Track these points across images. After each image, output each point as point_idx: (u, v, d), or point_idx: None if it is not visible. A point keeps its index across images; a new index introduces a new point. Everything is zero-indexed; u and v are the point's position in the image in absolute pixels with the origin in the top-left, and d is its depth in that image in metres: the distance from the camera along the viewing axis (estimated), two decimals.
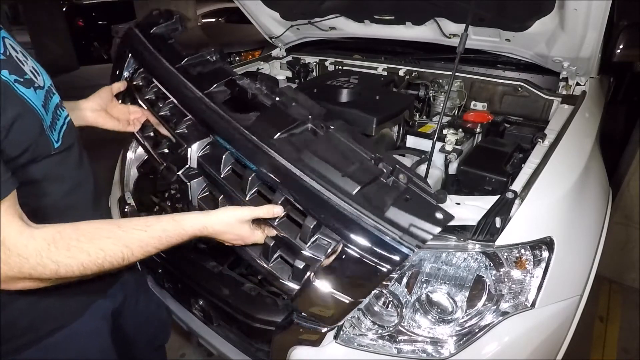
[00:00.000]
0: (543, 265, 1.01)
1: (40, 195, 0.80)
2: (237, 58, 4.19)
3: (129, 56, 1.47)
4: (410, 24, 1.90)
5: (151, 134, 1.40)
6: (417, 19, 1.85)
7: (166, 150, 1.31)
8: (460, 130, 1.58)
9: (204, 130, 1.20)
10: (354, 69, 2.09)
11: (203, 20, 7.30)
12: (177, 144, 1.24)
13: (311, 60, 2.32)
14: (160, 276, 1.43)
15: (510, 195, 0.99)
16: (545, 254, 1.01)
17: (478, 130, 1.64)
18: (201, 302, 1.27)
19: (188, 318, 1.38)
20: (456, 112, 1.84)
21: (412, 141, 1.65)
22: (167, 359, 1.49)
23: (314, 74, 2.33)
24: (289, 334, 1.06)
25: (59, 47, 7.31)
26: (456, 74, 1.54)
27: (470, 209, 1.05)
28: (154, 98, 1.39)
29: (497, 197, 1.01)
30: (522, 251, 1.00)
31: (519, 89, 1.78)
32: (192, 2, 6.40)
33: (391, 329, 1.03)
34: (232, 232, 0.93)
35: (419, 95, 1.78)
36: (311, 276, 0.96)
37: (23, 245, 0.66)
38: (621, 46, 1.69)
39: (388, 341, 1.03)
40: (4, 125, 0.67)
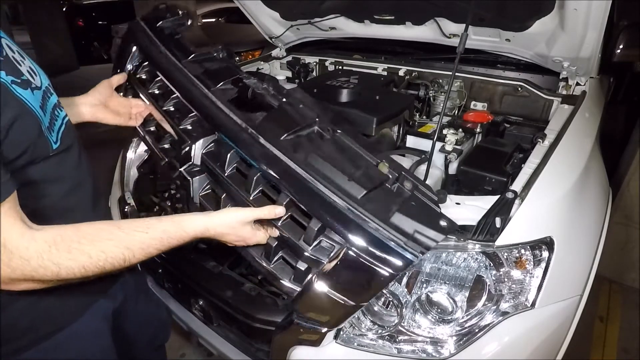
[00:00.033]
0: (543, 265, 1.01)
1: (39, 196, 0.80)
2: (237, 58, 4.19)
3: (134, 49, 1.44)
4: (410, 24, 1.90)
5: (153, 129, 1.37)
6: (417, 19, 1.85)
7: (168, 146, 1.29)
8: (460, 130, 1.58)
9: (209, 127, 1.19)
10: (354, 69, 2.09)
11: (203, 20, 7.30)
12: (180, 139, 1.22)
13: (311, 60, 2.32)
14: (160, 276, 1.43)
15: (510, 195, 0.99)
16: (545, 254, 1.01)
17: (478, 130, 1.64)
18: (201, 302, 1.27)
19: (188, 318, 1.38)
20: (456, 112, 1.83)
21: (412, 141, 1.65)
22: (167, 359, 1.49)
23: (314, 74, 2.32)
24: (289, 334, 1.06)
25: (59, 47, 7.30)
26: (456, 74, 1.54)
27: (470, 209, 1.05)
28: (158, 92, 1.36)
29: (497, 197, 1.01)
30: (522, 251, 1.00)
31: (519, 89, 1.78)
32: (192, 2, 6.40)
33: (391, 329, 1.03)
34: (234, 233, 0.92)
35: (419, 95, 1.78)
36: (313, 278, 0.96)
37: (24, 248, 0.66)
38: (621, 46, 1.69)
39: (388, 341, 1.03)
40: (3, 127, 0.66)
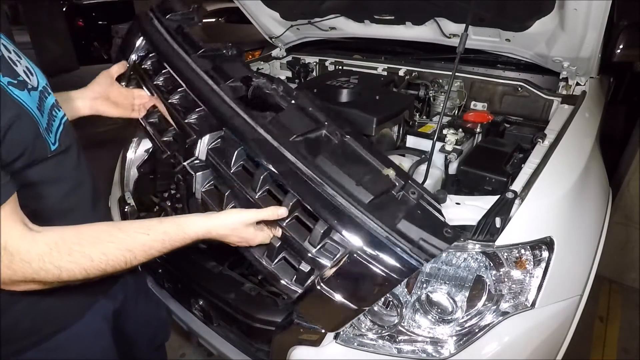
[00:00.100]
0: (543, 265, 1.01)
1: (39, 197, 0.79)
2: None
3: (140, 40, 1.41)
4: (410, 24, 1.90)
5: (156, 121, 1.34)
6: (417, 19, 1.85)
7: (172, 139, 1.26)
8: (460, 130, 1.57)
9: (216, 123, 1.17)
10: (354, 69, 2.08)
11: (203, 20, 7.29)
12: (184, 133, 1.19)
13: (311, 60, 2.31)
14: (160, 276, 1.43)
15: (510, 195, 1.00)
16: (545, 254, 1.01)
17: (478, 130, 1.64)
18: (201, 302, 1.27)
19: (188, 318, 1.38)
20: (456, 112, 1.83)
21: (412, 141, 1.65)
22: (167, 358, 1.49)
23: (314, 74, 2.32)
24: (289, 334, 1.06)
25: (59, 47, 7.28)
26: (456, 74, 1.54)
27: (470, 209, 1.05)
28: (164, 85, 1.33)
29: (497, 197, 1.02)
30: (522, 251, 1.00)
31: (519, 89, 1.78)
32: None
33: (391, 329, 1.03)
34: (236, 235, 0.91)
35: (419, 95, 1.78)
36: (316, 281, 0.96)
37: (25, 250, 0.65)
38: (621, 46, 1.69)
39: (388, 341, 1.03)
40: (1, 129, 0.65)
